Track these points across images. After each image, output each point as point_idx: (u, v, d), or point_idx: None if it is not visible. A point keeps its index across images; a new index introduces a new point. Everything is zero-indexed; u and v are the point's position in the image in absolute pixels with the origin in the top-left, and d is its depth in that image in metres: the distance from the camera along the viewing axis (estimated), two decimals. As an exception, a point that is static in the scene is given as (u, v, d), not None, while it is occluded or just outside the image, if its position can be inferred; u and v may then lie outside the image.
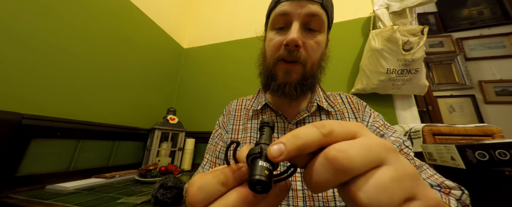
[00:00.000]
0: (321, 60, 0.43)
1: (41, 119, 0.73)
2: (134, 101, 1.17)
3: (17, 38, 0.70)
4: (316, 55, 0.41)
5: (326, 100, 0.48)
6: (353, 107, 0.47)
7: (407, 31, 0.93)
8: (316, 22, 0.39)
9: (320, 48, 0.41)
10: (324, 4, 0.39)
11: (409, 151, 0.42)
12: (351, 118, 0.45)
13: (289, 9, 0.39)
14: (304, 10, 0.38)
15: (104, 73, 1.00)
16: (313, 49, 0.40)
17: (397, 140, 0.42)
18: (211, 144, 0.52)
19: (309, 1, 0.38)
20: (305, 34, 0.39)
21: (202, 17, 1.74)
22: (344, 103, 0.49)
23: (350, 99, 0.50)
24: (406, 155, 0.42)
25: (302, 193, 0.38)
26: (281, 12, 0.40)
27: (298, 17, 0.38)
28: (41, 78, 0.76)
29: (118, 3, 1.09)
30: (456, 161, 0.50)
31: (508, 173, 0.44)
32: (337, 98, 0.50)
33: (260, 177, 0.14)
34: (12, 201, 0.58)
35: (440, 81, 2.06)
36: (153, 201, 0.59)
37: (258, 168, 0.14)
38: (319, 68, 0.44)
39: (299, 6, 0.38)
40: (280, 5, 0.41)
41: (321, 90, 0.51)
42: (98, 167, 0.93)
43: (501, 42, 2.02)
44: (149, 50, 1.29)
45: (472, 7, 2.20)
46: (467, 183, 0.54)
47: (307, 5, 0.38)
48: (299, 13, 0.38)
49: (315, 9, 0.38)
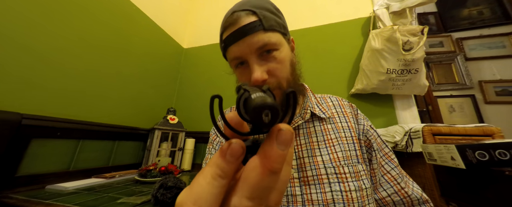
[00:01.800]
0: (293, 70, 0.43)
1: (41, 119, 0.73)
2: (134, 101, 1.17)
3: (17, 38, 0.70)
4: (285, 72, 0.40)
5: (318, 106, 0.48)
6: (344, 111, 0.49)
7: (407, 31, 0.93)
8: (269, 47, 0.38)
9: (286, 62, 0.41)
10: (267, 27, 0.38)
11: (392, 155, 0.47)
12: (343, 122, 0.46)
13: (238, 53, 0.39)
14: (252, 46, 0.37)
15: (104, 73, 1.00)
16: (279, 69, 0.39)
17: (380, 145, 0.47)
18: (210, 153, 0.52)
19: (251, 35, 0.37)
20: (265, 60, 0.39)
21: (202, 17, 1.75)
22: (335, 106, 0.50)
23: (340, 102, 0.51)
24: (391, 160, 0.46)
25: (301, 197, 0.38)
26: (233, 57, 0.40)
27: (250, 54, 0.38)
28: (41, 78, 0.76)
29: (118, 3, 1.09)
30: (456, 161, 0.50)
31: (508, 173, 0.44)
32: (328, 101, 0.52)
33: (262, 99, 0.12)
34: (12, 201, 0.58)
35: (440, 81, 2.06)
36: (153, 201, 0.59)
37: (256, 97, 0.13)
38: (295, 78, 0.43)
39: (245, 45, 0.38)
40: (228, 50, 0.41)
41: (312, 94, 0.51)
42: (98, 167, 0.93)
43: (501, 42, 2.02)
44: (149, 50, 1.29)
45: (472, 7, 2.21)
46: (467, 183, 0.54)
47: (251, 40, 0.37)
48: (249, 51, 0.38)
49: (261, 39, 0.37)
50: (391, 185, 0.43)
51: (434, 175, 0.70)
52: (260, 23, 0.37)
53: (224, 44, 0.41)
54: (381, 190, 0.43)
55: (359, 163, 0.41)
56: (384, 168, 0.45)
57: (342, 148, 0.42)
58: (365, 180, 0.40)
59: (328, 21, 1.31)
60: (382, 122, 1.03)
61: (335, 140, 0.43)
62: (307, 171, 0.40)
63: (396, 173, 0.44)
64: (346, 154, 0.41)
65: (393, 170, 0.44)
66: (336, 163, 0.40)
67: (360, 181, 0.39)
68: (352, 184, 0.38)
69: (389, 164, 0.45)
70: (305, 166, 0.41)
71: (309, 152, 0.42)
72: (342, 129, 0.45)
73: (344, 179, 0.38)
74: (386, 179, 0.44)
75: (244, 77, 0.41)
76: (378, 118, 1.04)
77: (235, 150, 0.13)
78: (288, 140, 0.13)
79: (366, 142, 0.45)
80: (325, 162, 0.40)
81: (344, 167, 0.39)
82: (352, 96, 1.11)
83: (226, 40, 0.40)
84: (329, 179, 0.38)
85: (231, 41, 0.39)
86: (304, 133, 0.45)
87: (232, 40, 0.39)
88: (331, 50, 1.23)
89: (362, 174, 0.40)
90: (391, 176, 0.44)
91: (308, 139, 0.44)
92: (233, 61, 0.42)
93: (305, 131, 0.45)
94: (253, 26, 0.37)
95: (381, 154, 0.46)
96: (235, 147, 0.13)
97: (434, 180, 0.70)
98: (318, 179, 0.39)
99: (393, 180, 0.43)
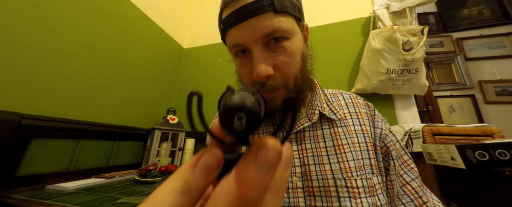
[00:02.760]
0: (304, 66, 0.37)
1: (41, 119, 0.73)
2: (134, 101, 1.17)
3: (17, 38, 0.70)
4: (295, 67, 0.34)
5: (328, 104, 0.42)
6: (358, 111, 0.41)
7: (407, 31, 0.93)
8: (278, 34, 0.31)
9: (297, 56, 0.34)
10: (279, 7, 0.30)
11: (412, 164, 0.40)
12: (356, 125, 0.39)
13: (239, 39, 0.32)
14: (257, 32, 0.30)
15: (104, 73, 1.00)
16: (288, 64, 0.33)
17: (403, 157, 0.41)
18: None
19: (258, 17, 0.30)
20: (271, 51, 0.32)
21: (202, 17, 1.74)
22: (348, 105, 0.43)
23: (354, 101, 0.44)
24: (410, 169, 0.40)
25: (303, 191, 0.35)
26: (233, 44, 0.34)
27: (254, 42, 0.31)
28: (41, 78, 0.76)
29: (118, 3, 1.09)
30: (456, 161, 0.50)
31: (508, 173, 0.44)
32: (339, 99, 0.44)
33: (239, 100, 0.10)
34: (12, 201, 0.58)
35: (440, 81, 2.06)
36: (153, 201, 0.59)
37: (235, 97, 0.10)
38: (304, 75, 0.37)
39: (248, 29, 0.30)
40: (228, 34, 0.34)
41: (321, 91, 0.45)
42: (98, 167, 0.93)
43: (501, 42, 2.02)
44: (149, 50, 1.29)
45: (472, 7, 2.21)
46: (467, 183, 0.54)
47: (257, 24, 0.30)
48: (253, 38, 0.31)
49: (269, 24, 0.30)
50: (411, 199, 0.37)
51: (434, 175, 0.70)
52: (271, 2, 0.30)
53: (223, 25, 0.34)
54: (399, 204, 0.37)
55: (373, 175, 0.35)
56: (403, 178, 0.39)
57: (354, 156, 0.36)
58: (380, 195, 0.34)
59: (328, 21, 1.31)
60: (382, 122, 1.03)
61: (346, 146, 0.37)
62: (313, 181, 0.35)
63: (417, 185, 0.38)
64: (359, 164, 0.35)
65: (414, 181, 0.38)
66: (348, 175, 0.34)
67: (375, 197, 0.33)
68: (366, 200, 0.32)
69: (408, 174, 0.39)
70: (311, 174, 0.35)
71: (316, 159, 0.36)
72: (355, 133, 0.38)
73: (356, 194, 0.32)
74: (405, 191, 0.38)
75: (245, 69, 0.35)
76: (378, 118, 1.04)
77: (206, 163, 0.10)
78: (271, 161, 0.10)
79: (383, 148, 0.39)
80: (334, 172, 0.35)
81: (357, 180, 0.33)
82: (352, 96, 1.11)
83: (225, 21, 0.33)
84: (338, 193, 0.33)
85: (231, 22, 0.31)
86: (310, 136, 0.39)
87: (233, 22, 0.31)
88: (331, 50, 1.23)
89: (377, 188, 0.34)
90: (412, 188, 0.38)
91: (315, 143, 0.38)
92: (232, 48, 0.35)
93: (311, 133, 0.39)
94: (261, 5, 0.30)
95: (400, 162, 0.40)
96: (207, 160, 0.10)
97: (434, 180, 0.70)
98: (326, 191, 0.34)
99: (414, 193, 0.37)
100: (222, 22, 0.34)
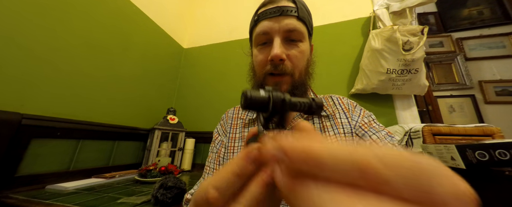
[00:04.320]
0: (307, 67, 0.46)
1: (41, 119, 0.73)
2: (134, 101, 1.17)
3: (17, 38, 0.70)
4: (302, 63, 0.43)
5: None
6: (344, 108, 0.49)
7: (407, 31, 0.93)
8: (296, 35, 0.41)
9: (305, 56, 0.43)
10: (301, 16, 0.42)
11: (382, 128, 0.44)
12: (343, 118, 0.46)
13: (268, 28, 0.41)
14: (282, 26, 0.41)
15: (104, 73, 1.00)
16: (298, 58, 0.42)
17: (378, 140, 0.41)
18: (212, 152, 0.52)
19: (285, 17, 0.41)
20: (287, 46, 0.42)
21: (202, 17, 1.74)
22: (336, 104, 0.50)
23: (340, 101, 0.52)
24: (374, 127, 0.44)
25: None
26: (261, 31, 0.42)
27: (278, 33, 0.41)
28: (41, 78, 0.76)
29: (118, 3, 1.09)
30: (456, 161, 0.50)
31: (508, 173, 0.44)
32: (328, 100, 0.52)
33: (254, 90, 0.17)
34: (12, 201, 0.58)
35: (440, 81, 2.06)
36: (153, 201, 0.59)
37: None
38: (307, 75, 0.45)
39: (276, 23, 0.41)
40: (259, 24, 0.43)
41: (313, 94, 0.53)
42: (98, 167, 0.93)
43: (501, 42, 2.02)
44: (149, 50, 1.29)
45: (472, 7, 2.21)
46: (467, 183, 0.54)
47: (284, 21, 0.41)
48: (278, 29, 0.41)
49: (292, 23, 0.41)
50: None
51: (434, 175, 0.69)
52: (296, 10, 0.41)
53: (257, 17, 0.44)
54: None
55: None
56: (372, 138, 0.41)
57: None
58: None
59: (328, 21, 1.31)
60: (382, 122, 1.03)
61: (334, 137, 0.43)
62: None
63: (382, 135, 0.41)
64: None
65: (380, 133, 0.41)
66: None
67: None
68: None
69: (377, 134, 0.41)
70: None
71: None
72: (341, 125, 0.45)
73: None
74: None
75: (261, 55, 0.43)
76: (378, 118, 1.02)
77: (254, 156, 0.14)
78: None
79: (360, 132, 0.43)
80: None
81: None
82: (352, 96, 1.11)
83: (260, 15, 0.43)
84: None
85: (265, 15, 0.42)
86: None
87: (266, 15, 0.42)
88: (331, 50, 1.23)
89: None
90: (377, 137, 0.41)
91: None
92: (259, 36, 0.43)
93: None
94: (289, 9, 0.41)
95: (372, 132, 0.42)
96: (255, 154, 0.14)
97: (434, 180, 0.69)
98: None
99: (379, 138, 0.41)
100: (256, 15, 0.45)
